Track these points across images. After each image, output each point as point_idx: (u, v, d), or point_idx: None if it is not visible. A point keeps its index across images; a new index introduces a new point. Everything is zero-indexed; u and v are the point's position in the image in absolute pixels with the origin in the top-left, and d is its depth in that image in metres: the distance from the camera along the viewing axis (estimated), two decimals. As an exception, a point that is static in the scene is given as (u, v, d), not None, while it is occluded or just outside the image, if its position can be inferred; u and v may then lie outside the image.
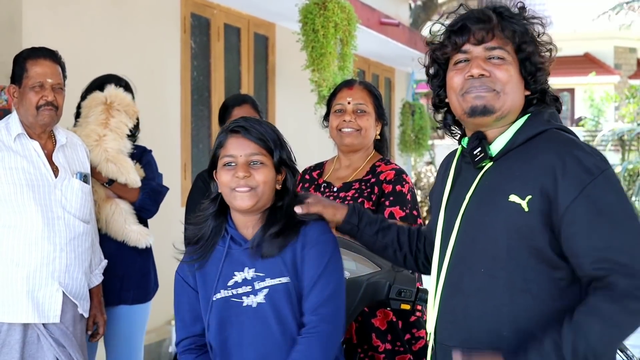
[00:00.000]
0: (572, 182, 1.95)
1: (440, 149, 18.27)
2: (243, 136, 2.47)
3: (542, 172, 1.99)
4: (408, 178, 3.29)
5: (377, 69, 11.71)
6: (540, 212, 1.98)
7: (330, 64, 5.95)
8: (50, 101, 3.35)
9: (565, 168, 1.96)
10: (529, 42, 2.13)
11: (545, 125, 2.09)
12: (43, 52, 3.42)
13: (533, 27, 2.15)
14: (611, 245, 1.90)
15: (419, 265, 2.58)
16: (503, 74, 2.09)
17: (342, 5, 6.01)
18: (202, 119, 7.31)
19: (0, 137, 3.35)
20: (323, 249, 2.49)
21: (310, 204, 2.54)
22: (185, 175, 6.90)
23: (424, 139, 11.31)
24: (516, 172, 2.04)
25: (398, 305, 2.88)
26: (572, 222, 1.94)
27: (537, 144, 2.05)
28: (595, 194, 1.93)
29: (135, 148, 4.02)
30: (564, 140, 2.04)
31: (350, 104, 3.32)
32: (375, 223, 2.59)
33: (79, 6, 5.60)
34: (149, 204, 3.89)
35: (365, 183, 3.27)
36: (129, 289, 3.89)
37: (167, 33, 6.71)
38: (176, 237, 4.12)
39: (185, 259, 2.58)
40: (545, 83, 2.17)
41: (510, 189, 2.03)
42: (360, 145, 3.33)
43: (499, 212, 2.04)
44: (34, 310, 3.28)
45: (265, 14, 7.94)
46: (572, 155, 1.98)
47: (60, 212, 3.35)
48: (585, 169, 1.95)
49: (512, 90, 2.11)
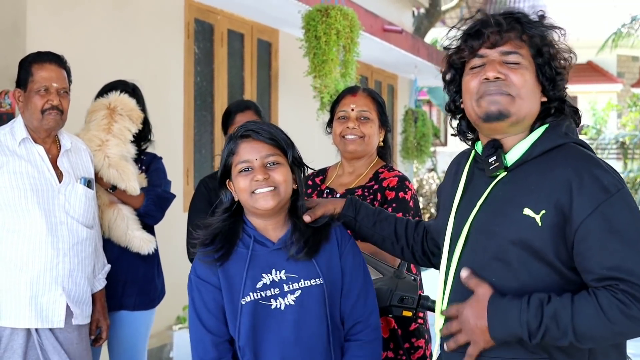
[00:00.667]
0: (588, 199, 1.95)
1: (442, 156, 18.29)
2: (255, 139, 2.45)
3: (558, 187, 1.99)
4: (411, 185, 3.30)
5: (379, 76, 11.72)
6: (554, 227, 1.97)
7: (332, 70, 5.96)
8: (55, 105, 3.35)
9: (582, 184, 1.96)
10: (548, 46, 2.12)
11: (563, 138, 2.08)
12: (49, 56, 3.42)
13: (551, 34, 2.15)
14: (621, 265, 1.90)
15: (416, 258, 2.60)
16: (518, 78, 2.08)
17: (345, 13, 6.02)
18: (205, 125, 7.32)
19: (5, 142, 3.35)
20: (360, 255, 2.57)
21: (315, 209, 2.55)
22: (188, 181, 6.90)
23: (426, 146, 11.32)
24: (532, 185, 2.04)
25: (400, 312, 2.87)
26: (584, 239, 1.94)
27: (554, 158, 2.05)
28: (609, 212, 1.93)
29: (145, 155, 4.02)
30: (582, 156, 2.04)
31: (354, 111, 3.32)
32: (372, 215, 2.61)
33: (82, 11, 5.62)
34: (154, 210, 3.88)
35: (368, 190, 3.27)
36: (131, 294, 3.88)
37: (170, 38, 6.72)
38: (179, 243, 4.14)
39: (202, 258, 2.48)
40: (563, 90, 2.15)
41: (525, 202, 2.02)
42: (364, 152, 3.34)
43: (511, 224, 2.03)
44: (37, 316, 3.28)
45: (269, 20, 7.95)
46: (590, 172, 1.98)
47: (63, 217, 3.35)
48: (602, 187, 1.95)
49: (528, 96, 2.10)
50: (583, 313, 1.90)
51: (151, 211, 3.87)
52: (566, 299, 1.93)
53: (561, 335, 1.92)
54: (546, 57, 2.11)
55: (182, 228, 3.90)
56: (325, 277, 2.44)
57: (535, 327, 1.93)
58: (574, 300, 1.92)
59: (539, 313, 1.93)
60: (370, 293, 2.54)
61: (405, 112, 11.59)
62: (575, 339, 1.91)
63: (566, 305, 1.92)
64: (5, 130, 3.41)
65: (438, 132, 12.58)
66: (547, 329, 1.92)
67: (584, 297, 1.93)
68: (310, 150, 4.25)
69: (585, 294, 1.94)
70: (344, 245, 2.52)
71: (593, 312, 1.90)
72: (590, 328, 1.91)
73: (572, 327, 1.90)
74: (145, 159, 4.00)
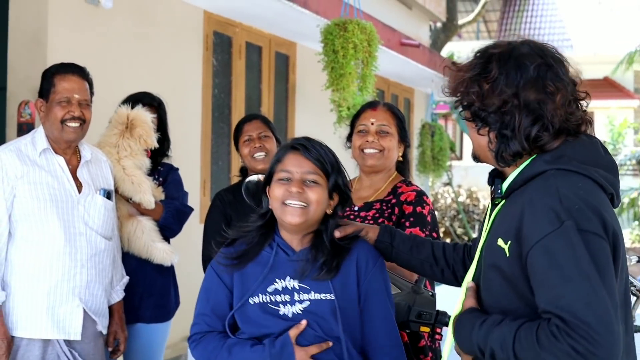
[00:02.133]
0: (534, 230, 1.95)
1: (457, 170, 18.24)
2: (302, 154, 2.49)
3: (517, 216, 2.01)
4: (428, 200, 3.30)
5: (396, 90, 11.73)
6: (518, 258, 2.00)
7: (350, 84, 5.97)
8: (77, 116, 3.36)
9: (532, 215, 1.97)
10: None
11: (543, 166, 2.04)
12: (71, 68, 3.44)
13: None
14: (556, 301, 1.88)
15: (458, 278, 2.58)
16: None
17: (363, 27, 6.03)
18: (222, 137, 7.35)
19: (26, 152, 3.36)
20: (385, 276, 2.58)
21: (346, 227, 2.58)
22: (205, 192, 6.92)
23: (443, 160, 11.30)
24: (507, 216, 2.07)
25: (417, 328, 2.87)
26: (530, 270, 1.96)
27: (527, 188, 2.05)
28: (552, 246, 1.91)
29: (162, 165, 4.03)
30: (544, 185, 2.00)
31: (374, 125, 3.34)
32: (408, 240, 2.63)
33: (103, 23, 5.66)
34: (172, 222, 3.89)
35: (386, 203, 3.27)
36: (148, 307, 3.88)
37: (189, 50, 6.76)
38: (194, 254, 4.15)
39: (221, 261, 2.54)
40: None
41: (500, 232, 2.07)
42: (382, 166, 3.34)
43: (490, 254, 2.10)
44: (54, 326, 3.28)
45: (287, 33, 7.98)
46: (540, 202, 1.97)
47: (82, 228, 3.36)
48: (549, 219, 1.93)
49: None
50: (523, 340, 1.93)
51: (170, 224, 3.88)
52: (515, 325, 1.97)
53: (505, 358, 1.96)
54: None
55: (198, 240, 3.91)
56: (338, 294, 2.45)
57: (482, 346, 2.01)
58: (520, 327, 1.95)
59: (486, 335, 2.00)
60: (394, 326, 2.54)
61: (422, 126, 11.58)
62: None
63: (512, 331, 1.96)
64: (26, 140, 3.41)
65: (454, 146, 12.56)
66: (492, 350, 1.99)
67: (529, 325, 1.94)
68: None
69: (531, 323, 1.95)
70: (370, 267, 2.53)
71: (531, 341, 1.91)
72: (527, 355, 1.92)
73: (513, 352, 1.94)
74: (163, 170, 4.01)
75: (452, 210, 15.29)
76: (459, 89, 2.15)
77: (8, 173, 3.27)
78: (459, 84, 2.15)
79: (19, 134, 5.11)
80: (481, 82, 2.10)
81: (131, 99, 3.96)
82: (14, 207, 3.27)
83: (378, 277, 2.53)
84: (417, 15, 12.93)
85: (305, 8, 6.85)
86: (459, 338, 2.11)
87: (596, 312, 1.84)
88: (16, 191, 3.27)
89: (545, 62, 2.08)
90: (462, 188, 16.29)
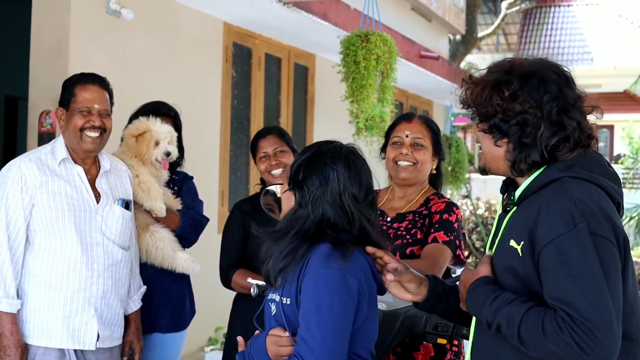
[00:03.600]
0: (548, 230, 2.05)
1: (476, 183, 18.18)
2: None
3: (531, 218, 2.11)
4: (458, 211, 3.30)
5: (415, 101, 11.73)
6: (530, 257, 2.10)
7: (369, 95, 5.97)
8: (97, 126, 3.37)
9: (547, 215, 2.07)
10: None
11: (557, 174, 2.16)
12: (92, 78, 3.45)
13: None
14: (565, 297, 1.99)
15: None
16: None
17: (384, 38, 6.04)
18: (241, 147, 7.37)
19: (45, 161, 3.37)
20: (320, 280, 2.31)
21: (401, 273, 2.46)
22: (223, 203, 6.94)
23: (461, 173, 11.28)
24: (519, 219, 2.18)
25: (434, 339, 2.87)
26: (541, 267, 2.07)
27: (543, 192, 2.15)
28: (564, 246, 2.02)
29: (177, 174, 4.04)
30: (561, 190, 2.12)
31: (408, 137, 3.35)
32: (456, 289, 2.49)
33: (124, 34, 5.70)
34: (189, 232, 3.89)
35: (418, 215, 3.28)
36: (164, 317, 3.88)
37: (209, 61, 6.80)
38: (212, 265, 4.16)
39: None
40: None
41: (512, 234, 2.17)
42: (415, 179, 3.35)
43: (502, 256, 2.21)
44: (70, 336, 3.28)
45: (306, 44, 8.01)
46: (557, 204, 2.08)
47: (99, 238, 3.36)
48: (564, 220, 2.04)
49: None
50: (530, 324, 2.03)
51: (187, 234, 3.88)
52: (524, 307, 2.07)
53: (510, 334, 2.08)
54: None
55: (215, 250, 3.92)
56: (293, 299, 2.37)
57: (490, 321, 2.12)
58: (528, 311, 2.06)
59: (496, 311, 2.10)
60: (317, 326, 2.26)
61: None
62: (519, 342, 2.07)
63: (520, 312, 2.06)
64: (46, 149, 3.42)
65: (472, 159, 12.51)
66: (499, 325, 2.10)
67: (537, 311, 2.05)
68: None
69: (539, 309, 2.05)
70: (309, 266, 2.34)
71: (536, 326, 2.02)
72: (531, 337, 2.03)
73: (517, 332, 2.05)
74: (177, 178, 4.02)
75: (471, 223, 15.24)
76: (478, 100, 2.23)
77: (27, 183, 3.29)
78: (479, 96, 2.22)
79: (39, 143, 5.15)
80: (503, 93, 2.18)
81: (147, 108, 3.98)
82: (32, 216, 3.28)
83: (311, 275, 2.34)
84: (437, 27, 12.94)
85: (325, 20, 6.88)
86: (471, 305, 2.22)
87: (599, 311, 1.96)
88: (35, 200, 3.28)
89: (565, 76, 2.21)
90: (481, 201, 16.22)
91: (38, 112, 5.33)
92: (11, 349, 3.19)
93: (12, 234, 3.26)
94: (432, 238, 3.17)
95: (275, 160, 3.81)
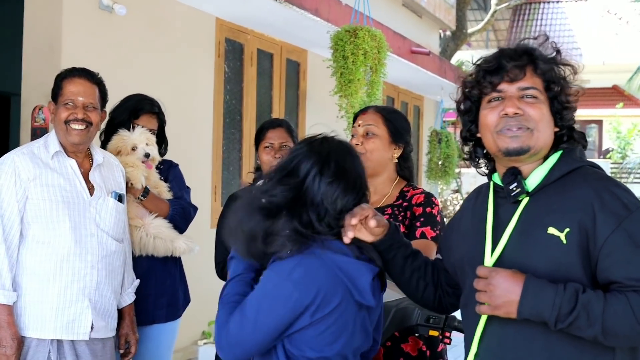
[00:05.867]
0: (610, 216, 2.04)
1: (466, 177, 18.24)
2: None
3: (580, 206, 2.08)
4: (437, 201, 3.30)
5: (406, 97, 11.77)
6: (578, 245, 2.06)
7: (358, 90, 6.01)
8: (80, 118, 3.39)
9: (603, 203, 2.06)
10: (556, 81, 2.22)
11: (578, 162, 2.19)
12: (79, 71, 3.47)
13: (562, 69, 2.25)
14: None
15: (435, 299, 2.53)
16: (536, 112, 2.20)
17: (373, 34, 6.07)
18: (234, 142, 7.39)
19: (38, 155, 3.38)
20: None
21: (379, 219, 2.38)
22: (216, 197, 6.96)
23: (451, 167, 11.33)
24: (554, 206, 2.13)
25: (426, 332, 2.89)
26: (610, 254, 2.02)
27: (572, 180, 2.15)
28: (632, 228, 2.03)
29: (162, 163, 4.06)
30: (600, 177, 2.15)
31: (361, 127, 3.32)
32: (408, 246, 2.52)
33: (116, 30, 5.72)
34: (179, 221, 3.91)
35: (397, 208, 3.28)
36: (162, 307, 3.90)
37: (201, 57, 6.81)
38: (205, 259, 4.18)
39: None
40: (572, 120, 2.26)
41: (549, 222, 2.10)
42: (371, 169, 3.21)
43: (538, 244, 2.11)
44: (64, 327, 3.29)
45: (298, 40, 8.03)
46: (609, 191, 2.09)
47: (93, 230, 3.38)
48: (623, 205, 2.06)
49: (544, 128, 2.21)
50: (614, 308, 1.97)
51: (177, 221, 3.90)
52: (599, 293, 2.00)
53: (589, 325, 1.98)
54: (555, 91, 2.22)
55: (208, 245, 3.94)
56: None
57: (566, 312, 1.99)
58: (606, 296, 1.99)
59: (573, 299, 1.99)
60: (243, 313, 2.31)
61: (430, 133, 11.62)
62: (601, 332, 1.98)
63: (600, 299, 1.99)
64: (39, 143, 3.44)
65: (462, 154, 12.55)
66: (578, 315, 1.98)
67: (616, 295, 1.99)
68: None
69: (616, 293, 2.00)
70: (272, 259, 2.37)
71: (623, 309, 1.97)
72: (618, 324, 1.97)
73: (601, 319, 1.97)
74: (163, 167, 4.03)
75: (461, 217, 15.27)
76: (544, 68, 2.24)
77: (21, 176, 3.30)
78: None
79: (32, 138, 5.16)
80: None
81: (129, 104, 3.96)
82: (26, 209, 3.30)
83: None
84: (427, 23, 12.98)
85: (316, 15, 6.90)
86: (531, 301, 2.03)
87: None
88: (29, 193, 3.30)
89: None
90: (471, 196, 16.27)
91: (31, 108, 5.35)
92: (7, 341, 3.20)
93: (6, 227, 3.27)
94: (420, 233, 3.18)
95: (279, 153, 3.83)
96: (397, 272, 2.50)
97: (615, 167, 21.44)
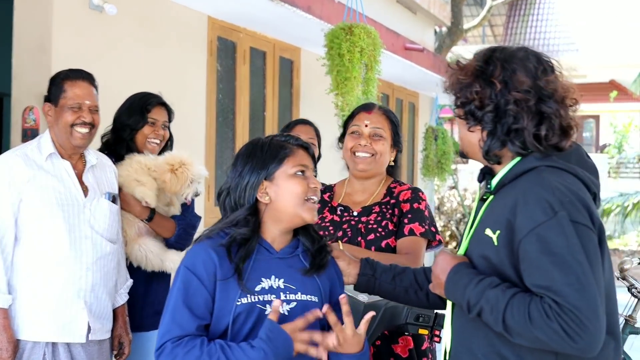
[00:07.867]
0: (526, 220, 2.07)
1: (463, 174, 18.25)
2: (308, 152, 2.56)
3: (509, 208, 2.12)
4: (424, 195, 3.30)
5: (401, 94, 11.75)
6: (507, 247, 2.11)
7: (354, 88, 5.99)
8: (88, 122, 3.41)
9: (525, 205, 2.08)
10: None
11: (534, 163, 2.18)
12: (82, 74, 3.48)
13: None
14: (551, 285, 2.00)
15: (445, 301, 2.57)
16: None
17: (368, 31, 6.05)
18: (227, 141, 7.38)
19: (32, 157, 3.38)
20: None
21: (338, 258, 2.62)
22: (209, 197, 6.95)
23: (447, 164, 11.30)
24: (495, 208, 2.20)
25: (416, 330, 2.89)
26: (522, 258, 2.08)
27: (519, 181, 2.17)
28: (546, 233, 2.03)
29: None
30: (537, 179, 2.13)
31: (368, 128, 3.28)
32: (390, 270, 2.64)
33: (107, 29, 5.70)
34: (184, 238, 3.87)
35: (385, 205, 3.27)
36: (148, 316, 3.84)
37: (193, 56, 6.80)
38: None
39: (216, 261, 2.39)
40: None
41: (487, 223, 2.19)
42: (374, 171, 3.30)
43: (477, 244, 2.22)
44: (59, 330, 3.30)
45: (291, 38, 8.01)
46: (534, 193, 2.09)
47: (88, 232, 3.38)
48: (544, 208, 2.05)
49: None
50: (515, 310, 2.03)
51: (182, 240, 3.87)
52: (509, 292, 2.07)
53: (493, 320, 2.08)
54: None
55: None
56: (324, 297, 2.44)
57: (472, 304, 2.13)
58: (514, 296, 2.06)
59: (480, 294, 2.10)
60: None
61: (426, 129, 11.60)
62: (504, 328, 2.07)
63: (506, 296, 2.06)
64: (32, 145, 3.44)
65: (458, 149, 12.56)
66: (481, 309, 2.10)
67: (522, 297, 2.05)
68: (329, 167, 4.28)
69: (524, 295, 2.05)
70: (342, 280, 2.60)
71: (522, 313, 2.02)
72: (516, 323, 2.04)
73: (502, 317, 2.05)
74: None
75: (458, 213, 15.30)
76: (458, 86, 2.25)
77: (15, 178, 3.30)
78: (458, 82, 2.25)
79: (23, 139, 5.16)
80: (482, 81, 2.20)
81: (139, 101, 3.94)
82: (20, 211, 3.30)
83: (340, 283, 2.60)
84: (422, 19, 12.96)
85: (309, 13, 6.88)
86: (452, 287, 2.22)
87: (586, 299, 1.97)
88: (23, 195, 3.30)
89: (544, 67, 2.21)
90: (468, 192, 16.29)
91: (21, 109, 5.33)
92: (3, 344, 3.20)
93: (0, 230, 3.27)
94: (408, 230, 3.17)
95: None
96: (392, 295, 2.65)
97: (613, 162, 21.46)
